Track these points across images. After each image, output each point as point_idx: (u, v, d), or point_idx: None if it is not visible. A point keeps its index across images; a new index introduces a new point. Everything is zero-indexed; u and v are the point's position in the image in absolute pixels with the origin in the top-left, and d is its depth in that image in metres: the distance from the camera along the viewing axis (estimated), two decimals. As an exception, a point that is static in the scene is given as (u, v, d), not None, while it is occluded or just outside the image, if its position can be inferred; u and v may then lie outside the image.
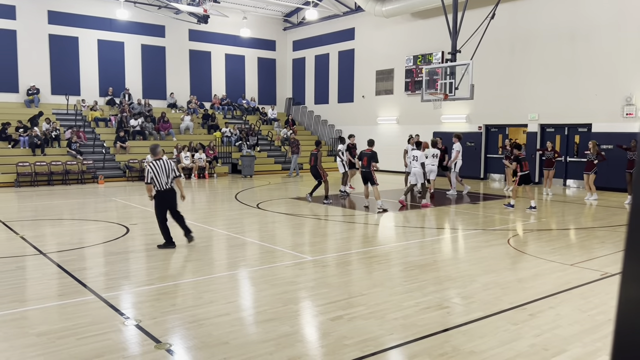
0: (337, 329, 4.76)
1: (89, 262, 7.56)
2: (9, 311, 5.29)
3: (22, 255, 7.78)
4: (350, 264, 7.44)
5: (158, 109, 24.95)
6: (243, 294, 6.09)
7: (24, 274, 6.86)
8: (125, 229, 9.84)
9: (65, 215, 11.70)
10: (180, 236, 8.46)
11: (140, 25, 25.16)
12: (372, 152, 12.34)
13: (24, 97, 22.31)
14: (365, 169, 12.27)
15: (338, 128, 27.54)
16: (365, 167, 12.25)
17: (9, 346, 4.33)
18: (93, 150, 20.70)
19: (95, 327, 4.79)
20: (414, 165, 13.24)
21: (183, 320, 4.95)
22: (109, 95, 24.40)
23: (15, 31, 22.13)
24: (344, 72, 27.17)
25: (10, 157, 18.53)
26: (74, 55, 23.61)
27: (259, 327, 4.85)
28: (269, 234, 9.81)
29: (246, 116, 27.85)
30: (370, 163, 12.16)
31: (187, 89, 27.01)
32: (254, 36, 28.37)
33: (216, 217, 11.75)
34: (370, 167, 12.16)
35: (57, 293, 6.00)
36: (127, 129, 22.29)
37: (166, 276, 6.77)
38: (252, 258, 7.80)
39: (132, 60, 25.23)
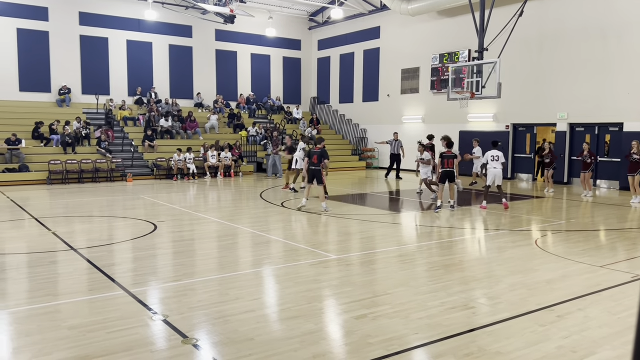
0: (361, 327, 4.76)
1: (118, 258, 7.72)
2: (42, 304, 5.45)
3: (54, 250, 7.99)
4: (374, 262, 7.43)
5: (185, 108, 25.30)
6: (268, 291, 6.15)
7: (56, 269, 7.05)
8: (153, 226, 10.01)
9: (95, 212, 11.96)
10: (209, 232, 8.57)
11: (168, 26, 25.54)
12: (322, 150, 12.23)
13: (56, 97, 22.88)
14: (314, 167, 12.08)
15: (362, 127, 27.49)
16: (314, 164, 12.07)
17: (42, 338, 4.47)
18: (122, 148, 21.10)
19: (124, 322, 4.90)
20: (494, 165, 12.62)
21: (209, 316, 5.02)
22: (137, 95, 24.85)
23: (47, 32, 22.71)
24: (369, 71, 27.10)
25: (43, 155, 19.03)
26: (104, 56, 24.11)
27: (283, 324, 4.89)
28: (293, 232, 9.85)
29: (271, 115, 28.01)
30: (321, 160, 12.07)
31: (213, 88, 27.31)
32: (279, 36, 28.51)
33: (241, 215, 11.86)
34: (319, 165, 12.05)
35: (87, 288, 6.15)
36: (155, 127, 22.65)
37: (192, 272, 6.88)
38: (277, 256, 7.86)
39: (159, 60, 25.63)
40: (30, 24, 22.27)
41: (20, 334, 4.61)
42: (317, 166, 12.08)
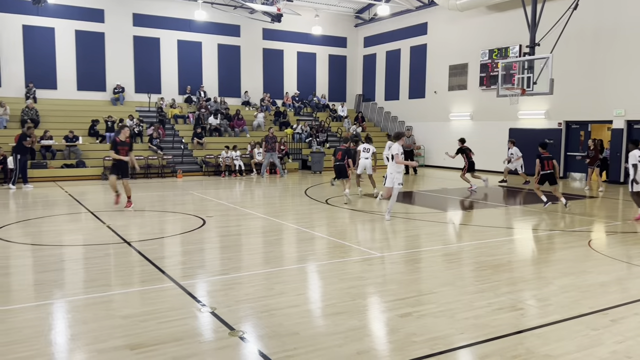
0: (406, 325, 4.74)
1: (168, 251, 7.97)
2: (97, 294, 5.70)
3: (109, 243, 8.33)
4: (419, 261, 7.37)
5: (233, 106, 25.77)
6: (312, 287, 6.21)
7: (110, 261, 7.35)
8: (202, 221, 10.26)
9: (147, 207, 12.37)
10: (255, 228, 8.71)
11: (217, 26, 26.06)
12: (347, 149, 13.75)
13: (111, 96, 23.78)
14: (339, 162, 13.32)
15: (409, 124, 27.22)
16: (339, 160, 13.31)
17: (98, 326, 4.68)
18: (172, 145, 21.72)
19: (174, 313, 5.06)
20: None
21: (255, 310, 5.12)
22: (187, 94, 25.50)
23: (103, 34, 23.63)
24: (415, 68, 26.79)
25: (98, 152, 19.83)
26: (156, 55, 24.86)
27: (328, 319, 4.93)
28: (337, 229, 9.89)
29: (316, 113, 28.14)
30: (345, 158, 13.27)
31: (260, 86, 27.68)
32: (325, 33, 28.59)
33: (286, 212, 12.00)
34: (344, 161, 13.24)
35: (139, 279, 6.39)
36: (204, 125, 23.19)
37: (239, 267, 7.03)
38: (321, 252, 7.91)
39: (209, 59, 26.20)
40: (87, 26, 23.23)
41: (77, 322, 4.85)
42: (342, 162, 13.28)
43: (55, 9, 22.24)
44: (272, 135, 20.67)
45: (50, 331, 4.68)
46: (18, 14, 21.75)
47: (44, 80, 22.40)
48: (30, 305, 5.38)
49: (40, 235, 9.23)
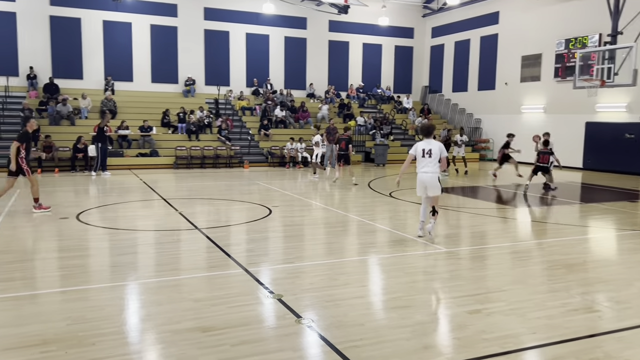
0: (475, 322, 4.63)
1: (236, 238, 8.20)
2: (170, 277, 5.96)
3: (180, 229, 8.67)
4: (487, 258, 7.16)
5: (298, 98, 26.03)
6: (377, 279, 6.19)
7: (182, 246, 7.65)
8: (267, 210, 10.47)
9: (215, 196, 12.76)
10: (318, 219, 8.76)
11: (284, 18, 26.36)
12: (349, 137, 15.62)
13: (182, 88, 24.66)
14: (343, 152, 15.22)
15: (477, 117, 26.44)
16: (343, 149, 15.20)
17: (172, 308, 4.89)
18: (240, 137, 22.26)
19: (243, 298, 5.21)
20: None
21: (320, 299, 5.17)
22: (254, 86, 26.00)
23: (176, 28, 24.50)
24: (485, 58, 25.94)
25: (171, 142, 20.66)
26: (225, 49, 25.51)
27: (393, 312, 4.90)
28: (401, 222, 9.78)
29: (381, 105, 27.90)
30: (348, 146, 15.10)
31: (325, 79, 27.77)
32: (392, 24, 28.22)
33: (349, 204, 12.01)
34: (347, 150, 15.13)
35: (209, 264, 6.61)
36: (270, 117, 23.59)
37: (303, 256, 7.11)
38: (385, 245, 7.85)
39: (275, 52, 26.57)
40: (161, 21, 24.17)
41: (152, 303, 5.09)
42: (345, 151, 15.09)
43: (132, 4, 23.28)
44: (332, 127, 20.68)
45: (128, 310, 4.94)
46: (99, 10, 22.95)
47: (121, 73, 23.56)
48: (108, 286, 5.70)
49: (117, 220, 9.75)
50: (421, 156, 7.64)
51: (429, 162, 7.61)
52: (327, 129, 20.69)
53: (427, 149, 7.59)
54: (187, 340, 4.14)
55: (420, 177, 7.71)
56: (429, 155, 7.60)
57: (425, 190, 7.72)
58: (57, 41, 22.50)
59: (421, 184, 7.72)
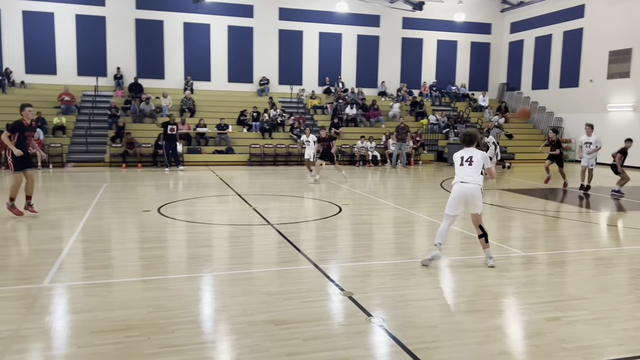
0: (554, 330, 4.42)
1: (306, 235, 8.30)
2: (244, 271, 6.14)
3: (254, 224, 8.90)
4: (568, 264, 6.81)
5: (369, 96, 25.93)
6: (449, 281, 6.05)
7: (255, 240, 7.86)
8: (337, 208, 10.51)
9: (287, 192, 12.99)
10: (388, 218, 8.68)
11: (357, 17, 26.33)
12: (330, 137, 15.88)
13: (257, 87, 25.29)
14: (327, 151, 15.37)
15: (558, 116, 25.18)
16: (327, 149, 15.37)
17: (246, 300, 5.04)
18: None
19: (314, 294, 5.27)
20: None
21: (391, 299, 5.13)
22: (326, 85, 26.19)
23: (252, 28, 25.15)
24: (568, 54, 24.63)
25: (245, 140, 21.25)
26: (299, 48, 25.88)
27: (467, 316, 4.78)
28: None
29: (455, 103, 27.23)
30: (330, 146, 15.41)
31: (397, 77, 27.48)
32: (468, 20, 27.45)
33: (420, 203, 11.82)
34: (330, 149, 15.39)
35: (281, 259, 6.75)
36: (341, 116, 23.67)
37: (373, 255, 7.09)
38: (457, 247, 7.67)
39: (348, 50, 26.61)
40: (238, 21, 24.89)
41: (227, 295, 5.26)
42: (329, 149, 15.31)
43: (211, 6, 24.14)
44: (403, 126, 20.48)
45: (204, 301, 5.15)
46: (180, 12, 23.99)
47: (200, 73, 24.50)
48: (186, 277, 5.96)
49: (194, 213, 10.16)
50: (459, 164, 6.35)
51: (470, 171, 6.28)
52: (397, 128, 20.50)
53: (467, 157, 6.35)
54: (260, 332, 4.25)
55: (459, 188, 6.34)
56: (469, 163, 6.30)
57: (463, 205, 6.43)
58: (141, 43, 23.76)
59: (460, 197, 6.36)
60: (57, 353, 3.92)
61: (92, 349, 3.91)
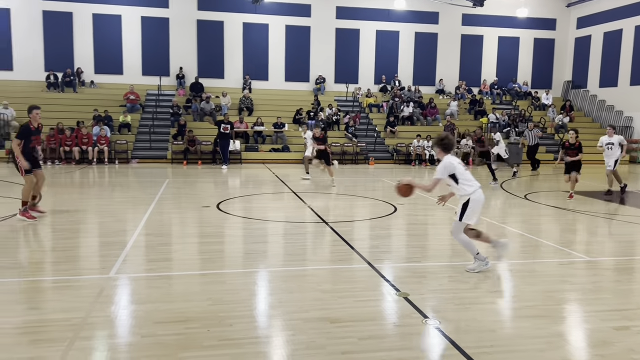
0: (623, 339, 4.20)
1: (361, 234, 8.28)
2: (299, 267, 6.21)
3: (308, 222, 8.97)
4: (637, 270, 6.45)
5: (426, 94, 25.55)
6: (509, 286, 5.86)
7: (310, 238, 7.92)
8: (392, 207, 10.43)
9: (341, 191, 13.00)
10: (444, 218, 8.53)
11: (415, 14, 25.99)
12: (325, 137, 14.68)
13: (313, 86, 25.45)
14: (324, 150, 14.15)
15: (628, 115, 23.88)
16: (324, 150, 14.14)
17: (301, 297, 5.09)
18: (366, 134, 22.42)
19: (368, 293, 5.26)
20: None
21: (448, 301, 5.04)
22: (382, 83, 26.01)
23: (309, 27, 25.33)
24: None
25: (301, 138, 21.39)
26: (355, 46, 25.84)
27: (527, 321, 4.61)
28: (535, 227, 9.16)
29: (516, 101, 26.36)
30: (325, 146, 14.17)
31: (456, 74, 26.91)
32: (531, 16, 26.51)
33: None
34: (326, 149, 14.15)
35: (335, 258, 6.76)
36: (397, 114, 23.45)
37: (429, 256, 6.98)
38: (517, 249, 7.41)
39: (405, 48, 26.32)
40: (296, 21, 25.14)
41: (283, 291, 5.33)
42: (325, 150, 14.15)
43: (269, 6, 24.50)
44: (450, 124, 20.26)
45: (260, 296, 5.24)
46: (239, 12, 24.49)
47: (258, 72, 24.94)
48: (243, 271, 6.08)
49: (251, 210, 10.36)
50: (464, 170, 5.96)
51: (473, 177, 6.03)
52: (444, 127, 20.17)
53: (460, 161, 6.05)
54: (315, 329, 4.28)
55: (481, 198, 5.96)
56: (465, 166, 6.04)
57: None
58: (202, 43, 24.45)
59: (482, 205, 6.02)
60: (122, 341, 4.11)
61: (154, 338, 4.07)
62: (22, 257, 6.68)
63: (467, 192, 5.87)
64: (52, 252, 6.90)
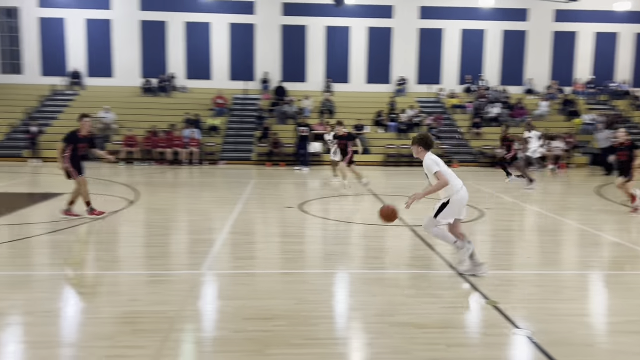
0: None
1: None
2: (381, 270, 6.19)
3: (390, 224, 8.87)
4: None
5: (515, 95, 24.52)
6: (605, 298, 5.50)
7: (391, 241, 7.85)
8: (477, 212, 10.10)
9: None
10: (533, 224, 8.14)
11: (502, 11, 25.05)
12: (348, 134, 13.36)
13: (394, 87, 25.25)
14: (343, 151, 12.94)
15: None
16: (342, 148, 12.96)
17: (385, 300, 5.05)
18: (449, 135, 21.89)
19: (454, 300, 5.14)
20: None
21: (541, 312, 4.80)
22: (467, 83, 25.29)
23: (391, 29, 25.18)
24: None
25: (381, 140, 21.34)
26: (438, 46, 25.34)
27: (627, 337, 4.30)
28: (636, 236, 8.51)
29: (614, 101, 24.61)
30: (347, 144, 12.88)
31: (546, 73, 25.62)
32: (632, 9, 24.66)
33: (569, 210, 10.88)
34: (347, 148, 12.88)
35: (419, 262, 6.66)
36: (483, 115, 22.70)
37: (518, 264, 6.71)
38: (614, 260, 6.94)
39: (491, 47, 25.44)
40: (378, 22, 25.07)
41: (365, 293, 5.33)
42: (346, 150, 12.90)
43: (351, 9, 24.61)
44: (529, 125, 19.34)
45: (343, 297, 5.27)
46: (322, 16, 24.82)
47: (339, 75, 25.13)
48: (324, 272, 6.15)
49: (331, 211, 10.46)
50: (447, 168, 5.93)
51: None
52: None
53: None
54: (400, 334, 4.24)
55: (465, 195, 5.93)
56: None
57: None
58: (286, 48, 25.04)
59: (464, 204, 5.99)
60: (213, 335, 4.30)
61: (244, 334, 4.22)
62: (121, 251, 7.17)
63: (454, 189, 5.80)
64: (147, 248, 7.35)
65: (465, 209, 6.06)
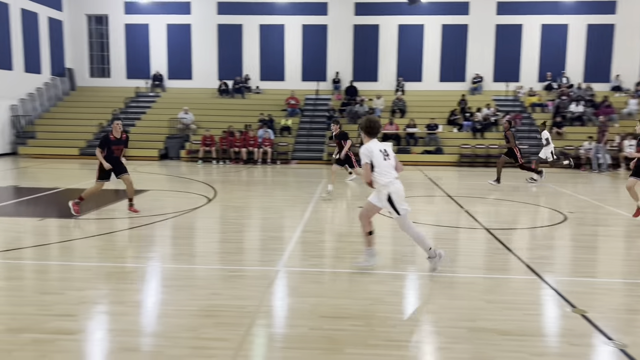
0: None
1: (525, 242, 7.76)
2: (460, 275, 6.00)
3: (465, 227, 8.65)
4: None
5: (600, 92, 23.10)
6: None
7: (469, 244, 7.63)
8: (561, 215, 9.61)
9: (500, 196, 12.32)
10: (622, 229, 7.62)
11: (588, 4, 23.72)
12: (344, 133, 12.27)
13: (469, 85, 24.54)
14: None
15: None
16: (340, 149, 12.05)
17: (465, 305, 4.92)
18: (528, 135, 20.97)
19: (538, 307, 4.92)
20: None
21: (634, 323, 4.50)
22: (547, 80, 24.14)
23: (467, 25, 24.49)
24: None
25: (455, 140, 20.81)
26: (516, 43, 24.38)
27: None
28: None
29: None
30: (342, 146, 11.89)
31: (636, 69, 23.94)
32: None
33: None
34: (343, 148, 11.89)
35: (499, 266, 6.42)
36: (564, 113, 21.58)
37: (607, 271, 6.31)
38: None
39: (574, 42, 24.14)
40: (453, 20, 24.47)
41: (444, 297, 5.21)
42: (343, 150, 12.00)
43: (426, 7, 24.18)
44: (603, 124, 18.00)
45: (421, 300, 5.18)
46: (395, 15, 24.57)
47: (411, 74, 24.78)
48: (399, 274, 6.07)
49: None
50: (382, 160, 5.66)
51: (392, 167, 5.74)
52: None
53: (384, 149, 5.75)
54: (482, 340, 4.11)
55: (400, 187, 5.76)
56: (388, 157, 5.74)
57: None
58: (358, 48, 25.01)
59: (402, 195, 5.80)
60: (291, 331, 4.36)
61: (321, 332, 4.25)
62: (201, 246, 7.44)
63: (380, 183, 5.68)
64: (226, 244, 7.58)
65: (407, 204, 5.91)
